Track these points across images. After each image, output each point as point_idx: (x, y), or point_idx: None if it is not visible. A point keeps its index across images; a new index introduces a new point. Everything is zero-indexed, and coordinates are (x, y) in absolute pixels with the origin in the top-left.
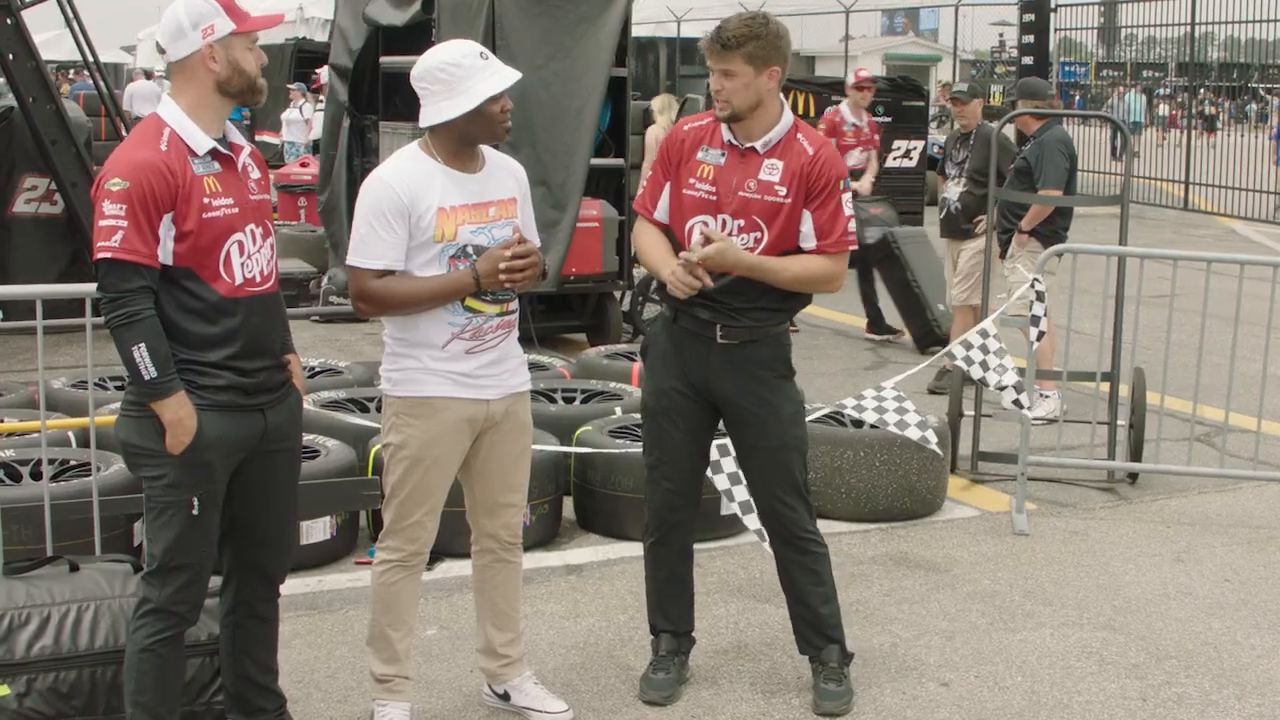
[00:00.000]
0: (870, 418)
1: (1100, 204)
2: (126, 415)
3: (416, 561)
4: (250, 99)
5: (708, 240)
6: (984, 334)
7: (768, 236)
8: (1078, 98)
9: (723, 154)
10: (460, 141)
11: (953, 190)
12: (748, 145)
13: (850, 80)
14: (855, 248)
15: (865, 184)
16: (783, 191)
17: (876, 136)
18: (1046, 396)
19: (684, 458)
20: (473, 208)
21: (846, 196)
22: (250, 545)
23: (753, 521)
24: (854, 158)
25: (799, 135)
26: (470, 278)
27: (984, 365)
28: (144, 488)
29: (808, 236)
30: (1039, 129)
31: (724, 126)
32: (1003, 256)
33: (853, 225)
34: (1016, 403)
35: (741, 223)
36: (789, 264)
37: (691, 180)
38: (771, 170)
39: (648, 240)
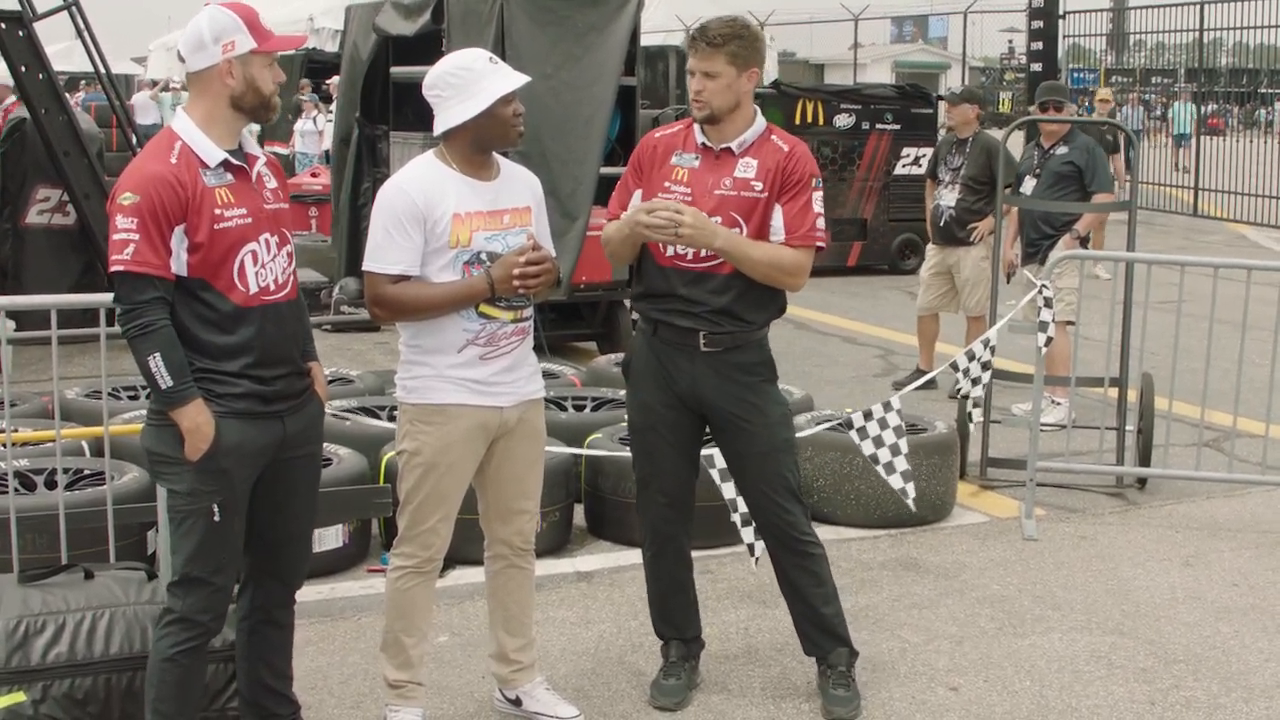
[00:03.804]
0: (867, 449)
1: (1109, 210)
2: (149, 423)
3: (431, 568)
4: (263, 116)
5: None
6: (986, 342)
7: (746, 232)
8: (1086, 104)
9: (696, 157)
10: (474, 147)
11: (948, 197)
12: (723, 146)
13: None
14: (822, 245)
15: None
16: (759, 186)
17: None
18: (1058, 404)
19: (674, 470)
20: (487, 214)
21: (818, 195)
22: (267, 551)
23: (749, 535)
24: None
25: (773, 136)
26: (485, 283)
27: (975, 381)
28: (167, 497)
29: (777, 230)
30: (1068, 132)
31: (696, 130)
32: (1042, 262)
33: (821, 223)
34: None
35: (719, 219)
36: (760, 245)
37: (666, 184)
38: (747, 168)
39: (611, 225)
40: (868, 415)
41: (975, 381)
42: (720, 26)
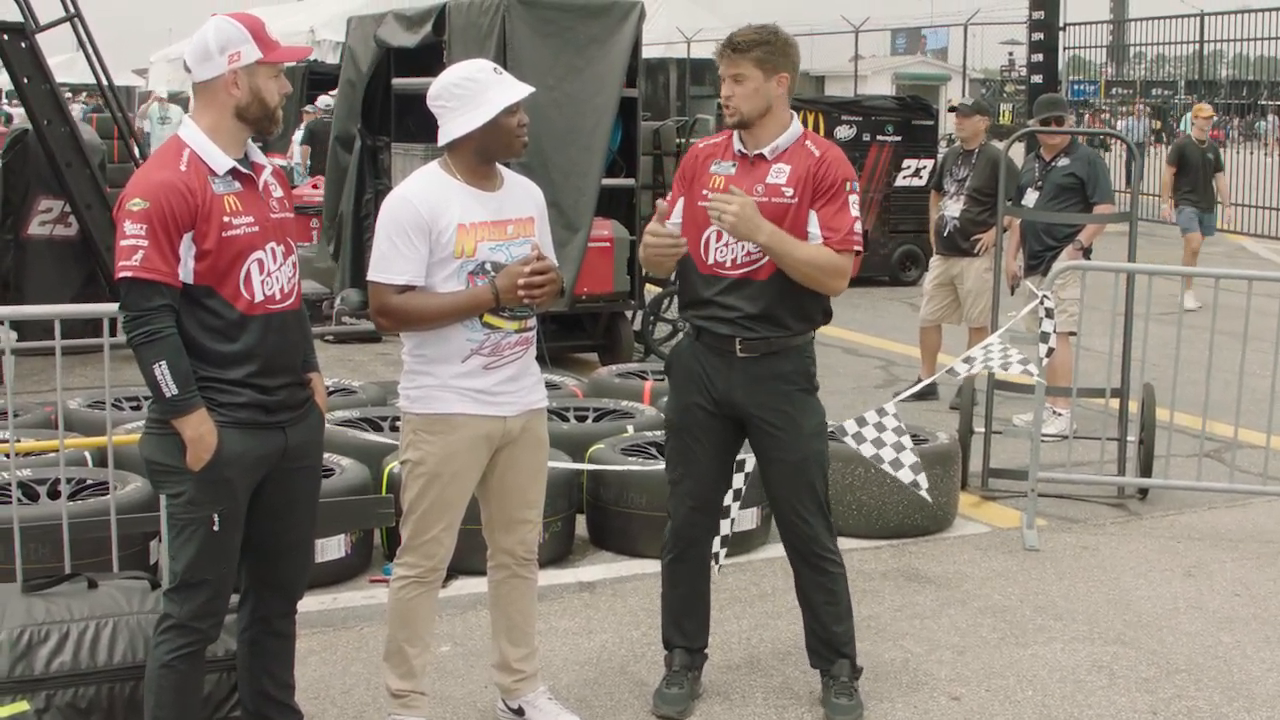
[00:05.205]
0: (867, 451)
1: (1110, 221)
2: (149, 432)
3: (434, 577)
4: (266, 127)
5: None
6: (987, 347)
7: None
8: (1086, 116)
9: (734, 164)
10: (479, 158)
11: (952, 208)
12: (756, 152)
13: None
14: (860, 249)
15: None
16: (789, 193)
17: None
18: (1059, 415)
19: (706, 474)
20: (492, 225)
21: (853, 198)
22: (269, 561)
23: (714, 544)
24: None
25: (807, 142)
26: (490, 293)
27: (987, 361)
28: (166, 505)
29: (814, 236)
30: (1069, 144)
31: (735, 138)
32: (1044, 274)
33: (858, 227)
34: (1026, 372)
35: None
36: (803, 244)
37: (705, 191)
38: (779, 174)
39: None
40: (861, 421)
41: (989, 359)
42: (747, 33)
